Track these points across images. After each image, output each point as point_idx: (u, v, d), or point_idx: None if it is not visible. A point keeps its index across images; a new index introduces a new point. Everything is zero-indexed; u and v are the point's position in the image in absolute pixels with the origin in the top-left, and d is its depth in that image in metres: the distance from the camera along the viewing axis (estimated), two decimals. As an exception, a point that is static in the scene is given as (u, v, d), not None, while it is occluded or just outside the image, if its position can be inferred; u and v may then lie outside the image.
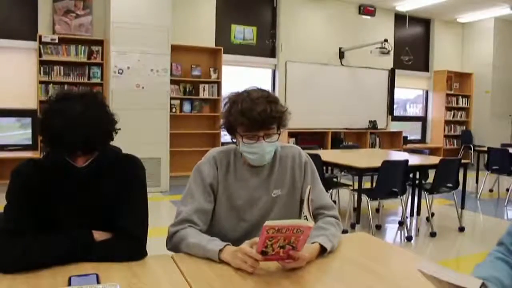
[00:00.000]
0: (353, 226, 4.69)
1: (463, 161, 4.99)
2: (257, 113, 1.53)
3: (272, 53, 8.38)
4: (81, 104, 1.38)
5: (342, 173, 5.74)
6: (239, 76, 8.03)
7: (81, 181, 1.46)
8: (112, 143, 1.50)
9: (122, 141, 1.59)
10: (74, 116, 1.35)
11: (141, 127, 6.29)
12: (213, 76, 7.46)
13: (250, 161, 1.66)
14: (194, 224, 1.60)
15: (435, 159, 5.12)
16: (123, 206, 1.51)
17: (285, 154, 1.77)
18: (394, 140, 9.46)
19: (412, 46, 9.83)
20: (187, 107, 7.35)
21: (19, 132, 6.63)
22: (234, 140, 1.69)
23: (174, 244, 1.57)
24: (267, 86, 8.27)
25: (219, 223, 1.69)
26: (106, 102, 1.49)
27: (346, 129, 8.91)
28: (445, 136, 10.12)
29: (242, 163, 1.71)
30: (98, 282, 1.25)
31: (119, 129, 1.48)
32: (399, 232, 4.97)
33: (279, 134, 1.64)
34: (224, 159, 1.71)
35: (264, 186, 1.72)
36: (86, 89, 1.49)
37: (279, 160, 1.75)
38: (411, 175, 4.88)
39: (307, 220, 1.48)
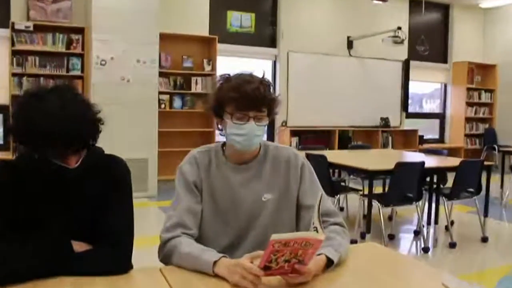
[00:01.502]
0: (363, 236, 4.69)
1: (486, 163, 4.99)
2: (251, 89, 1.61)
3: (272, 42, 8.38)
4: (60, 98, 1.38)
5: (351, 176, 5.73)
6: (236, 68, 8.01)
7: (67, 183, 1.47)
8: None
9: (105, 140, 1.59)
10: (59, 111, 1.35)
11: (126, 124, 6.27)
12: (207, 68, 7.45)
13: (236, 146, 1.69)
14: (186, 228, 1.63)
15: (454, 161, 5.11)
16: (106, 213, 1.51)
17: (279, 155, 1.80)
18: (408, 139, 9.47)
19: (429, 35, 9.83)
20: (177, 102, 7.35)
21: (-12, 131, 6.60)
22: (220, 127, 1.73)
23: (166, 254, 1.58)
24: (267, 79, 8.27)
25: (205, 228, 1.72)
26: (80, 92, 1.51)
27: (355, 127, 8.91)
28: (465, 135, 10.13)
29: (224, 161, 1.76)
30: (77, 299, 1.25)
31: (104, 120, 1.49)
32: (414, 242, 4.97)
33: (268, 120, 1.70)
34: (205, 158, 1.77)
35: (249, 186, 1.74)
36: (56, 82, 1.51)
37: (271, 161, 1.78)
38: (427, 179, 4.88)
39: (317, 232, 1.47)
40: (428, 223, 5.21)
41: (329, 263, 1.51)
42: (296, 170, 1.78)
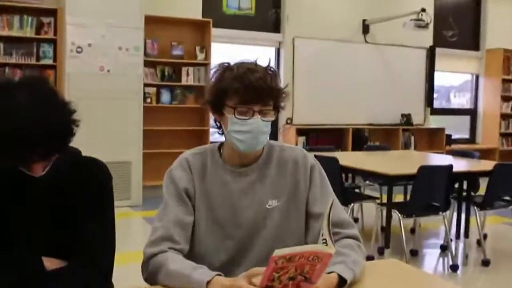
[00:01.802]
0: (381, 251, 4.69)
1: (524, 166, 5.00)
2: (255, 79, 1.62)
3: (275, 27, 8.38)
4: (29, 93, 1.38)
5: (367, 182, 5.73)
6: (233, 57, 8.01)
7: (34, 194, 1.46)
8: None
9: (81, 141, 1.59)
10: (25, 107, 1.34)
11: (106, 122, 6.29)
12: (200, 56, 7.46)
13: (239, 145, 1.69)
14: (174, 243, 1.63)
15: (487, 164, 5.12)
16: (83, 224, 1.51)
17: (285, 156, 1.80)
18: (434, 139, 9.48)
19: (458, 17, 9.84)
20: (165, 96, 7.35)
21: None
22: (219, 124, 1.74)
23: (151, 272, 1.58)
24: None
25: (199, 242, 1.72)
26: (55, 87, 1.50)
27: (372, 125, 8.92)
28: (501, 134, 10.13)
29: (221, 164, 1.76)
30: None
31: (79, 121, 1.48)
32: (441, 259, 4.97)
33: (274, 116, 1.72)
34: (199, 161, 1.77)
35: (251, 192, 1.74)
36: (30, 72, 1.49)
37: (276, 163, 1.78)
38: (456, 185, 4.88)
39: (326, 244, 1.48)
40: (457, 236, 5.21)
41: (342, 283, 1.50)
42: (306, 172, 1.79)
